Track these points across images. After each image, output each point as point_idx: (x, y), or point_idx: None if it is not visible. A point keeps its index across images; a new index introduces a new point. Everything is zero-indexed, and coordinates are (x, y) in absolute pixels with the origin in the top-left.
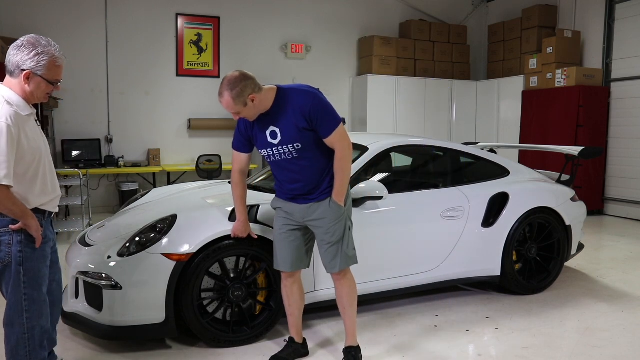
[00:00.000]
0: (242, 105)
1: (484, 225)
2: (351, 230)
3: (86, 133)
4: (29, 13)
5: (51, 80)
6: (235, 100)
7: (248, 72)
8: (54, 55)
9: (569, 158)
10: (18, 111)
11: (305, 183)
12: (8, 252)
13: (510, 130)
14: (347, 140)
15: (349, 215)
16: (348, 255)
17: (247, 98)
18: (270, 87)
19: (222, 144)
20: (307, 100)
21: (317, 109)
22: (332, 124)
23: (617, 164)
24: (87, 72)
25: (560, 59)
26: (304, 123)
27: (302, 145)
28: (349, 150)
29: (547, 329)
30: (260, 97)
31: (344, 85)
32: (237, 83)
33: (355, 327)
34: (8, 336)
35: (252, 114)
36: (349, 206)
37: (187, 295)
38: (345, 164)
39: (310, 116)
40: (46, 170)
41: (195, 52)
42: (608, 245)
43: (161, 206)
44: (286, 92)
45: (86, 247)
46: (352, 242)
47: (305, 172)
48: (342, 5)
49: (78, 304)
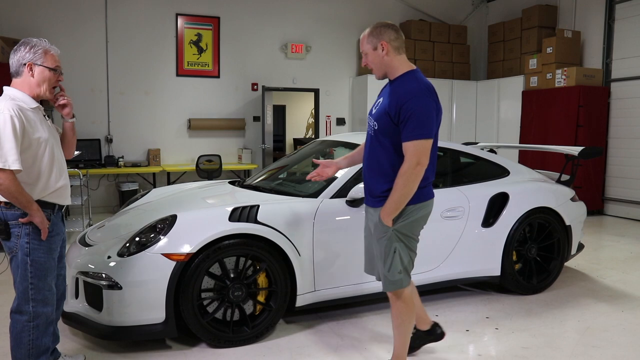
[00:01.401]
0: (372, 47)
1: (484, 225)
2: (401, 255)
3: (86, 133)
4: (29, 13)
5: (51, 67)
6: (368, 37)
7: (401, 31)
8: (45, 46)
9: (569, 158)
10: (22, 105)
11: (368, 177)
12: (16, 243)
13: (510, 130)
14: (418, 159)
15: (402, 237)
16: (388, 279)
17: (379, 42)
18: (408, 64)
19: (222, 144)
20: (408, 95)
21: (409, 108)
22: (412, 133)
23: (617, 164)
24: (87, 72)
25: (560, 59)
26: (392, 110)
27: (378, 127)
28: (414, 170)
29: (547, 329)
30: (391, 54)
31: (344, 85)
32: (383, 26)
33: (399, 349)
34: (14, 323)
35: (377, 65)
36: (403, 227)
37: (187, 295)
38: (403, 180)
39: (400, 110)
40: (53, 160)
41: (195, 52)
42: (608, 245)
43: (161, 206)
44: (409, 77)
45: (86, 247)
46: (397, 265)
47: (372, 164)
48: (342, 5)
49: (78, 304)
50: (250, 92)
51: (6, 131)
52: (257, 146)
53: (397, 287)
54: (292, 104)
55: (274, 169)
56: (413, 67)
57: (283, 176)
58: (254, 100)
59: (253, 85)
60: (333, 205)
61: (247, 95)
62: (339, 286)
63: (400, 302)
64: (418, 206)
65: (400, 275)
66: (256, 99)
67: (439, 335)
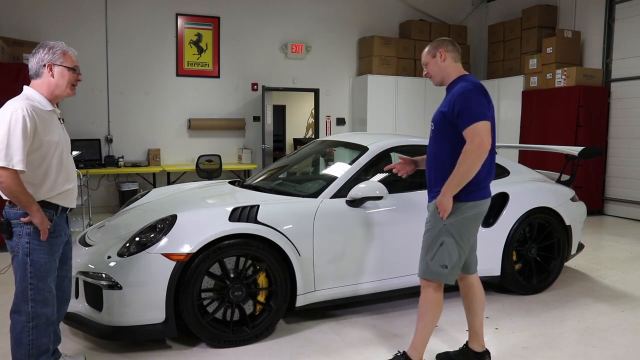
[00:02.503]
0: (431, 56)
1: (484, 225)
2: (449, 251)
3: (86, 133)
4: (29, 13)
5: (70, 67)
6: (429, 49)
7: (457, 45)
8: (63, 47)
9: (569, 158)
10: (37, 105)
11: (428, 171)
12: (18, 242)
13: (510, 130)
14: (480, 139)
15: (453, 233)
16: (429, 267)
17: (438, 51)
18: (462, 70)
19: (222, 144)
20: (458, 91)
21: (459, 100)
22: (469, 119)
23: (617, 164)
24: (87, 72)
25: (560, 59)
26: (446, 107)
27: (434, 127)
28: (477, 149)
29: (547, 329)
30: (448, 61)
31: (344, 85)
32: (441, 39)
33: (418, 341)
34: (14, 324)
35: (436, 72)
36: (456, 223)
37: (187, 295)
38: (465, 157)
39: (454, 105)
40: (62, 164)
41: (195, 52)
42: (608, 245)
43: (161, 206)
44: (461, 79)
45: (86, 247)
46: (442, 258)
47: (430, 159)
48: (342, 5)
49: (78, 304)
50: (250, 92)
51: (17, 130)
52: (257, 146)
53: (434, 278)
54: (292, 104)
55: (274, 169)
56: (465, 72)
57: (283, 176)
58: (254, 100)
59: (253, 85)
60: (333, 205)
61: (247, 95)
62: (339, 286)
63: (430, 290)
64: (472, 204)
65: (444, 270)
66: (256, 99)
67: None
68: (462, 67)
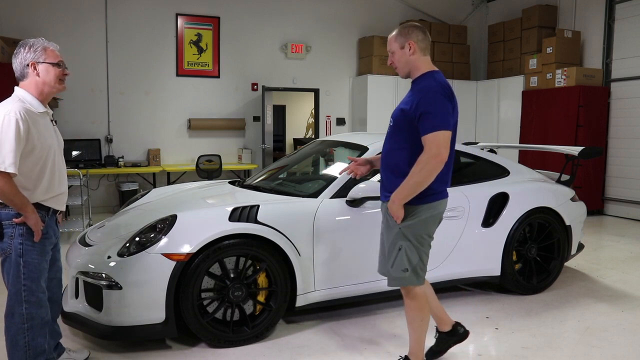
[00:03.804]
0: (399, 46)
1: (484, 225)
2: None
3: (86, 133)
4: (29, 13)
5: (54, 62)
6: (396, 36)
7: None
8: (43, 43)
9: (569, 158)
10: (30, 108)
11: (382, 170)
12: (10, 244)
13: (510, 130)
14: (438, 150)
15: (409, 236)
16: (391, 274)
17: (407, 42)
18: (431, 65)
19: (222, 144)
20: (423, 91)
21: (424, 102)
22: (430, 125)
23: (617, 164)
24: (87, 72)
25: (560, 59)
26: (407, 105)
27: (393, 124)
28: (433, 159)
29: (547, 329)
30: (417, 54)
31: (344, 85)
32: (411, 26)
33: (414, 346)
34: (8, 326)
35: (402, 64)
36: (411, 227)
37: (187, 295)
38: (419, 168)
39: (417, 105)
40: (55, 167)
41: (195, 52)
42: (608, 245)
43: (161, 206)
44: (428, 76)
45: (86, 247)
46: (401, 263)
47: (384, 158)
48: (342, 5)
49: (78, 304)
50: (250, 92)
51: (9, 133)
52: (257, 146)
53: (399, 284)
54: (292, 104)
55: (274, 169)
56: (434, 68)
57: (283, 176)
58: (254, 100)
59: (253, 85)
60: (333, 205)
61: (247, 95)
62: (339, 286)
63: (409, 299)
64: (427, 206)
65: (406, 273)
66: (256, 99)
67: (462, 335)
68: (431, 61)
